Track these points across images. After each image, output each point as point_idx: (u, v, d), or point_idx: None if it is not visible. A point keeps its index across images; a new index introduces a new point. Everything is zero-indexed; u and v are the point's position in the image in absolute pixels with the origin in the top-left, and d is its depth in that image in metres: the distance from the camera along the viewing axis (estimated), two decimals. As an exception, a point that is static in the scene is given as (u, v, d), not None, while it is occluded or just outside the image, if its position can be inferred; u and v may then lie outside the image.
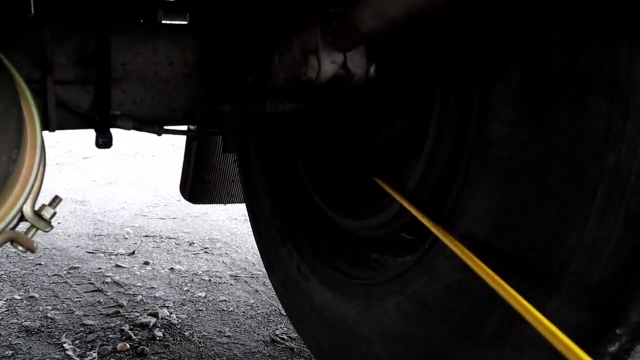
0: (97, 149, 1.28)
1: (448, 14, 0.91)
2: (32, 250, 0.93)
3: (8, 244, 0.94)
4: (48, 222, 0.94)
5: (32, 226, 0.93)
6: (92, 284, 2.40)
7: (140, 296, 2.28)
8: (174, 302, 2.23)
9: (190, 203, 2.22)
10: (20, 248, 0.93)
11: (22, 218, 0.93)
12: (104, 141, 1.21)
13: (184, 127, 1.43)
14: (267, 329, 2.04)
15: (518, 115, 0.90)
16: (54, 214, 0.96)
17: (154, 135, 1.30)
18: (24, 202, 0.85)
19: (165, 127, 1.27)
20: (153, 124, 1.24)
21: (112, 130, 1.26)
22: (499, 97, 0.93)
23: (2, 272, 2.45)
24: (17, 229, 0.95)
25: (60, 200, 0.97)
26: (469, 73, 1.02)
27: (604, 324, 0.84)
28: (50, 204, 0.96)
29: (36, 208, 0.94)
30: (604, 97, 0.79)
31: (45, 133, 1.23)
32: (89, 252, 2.78)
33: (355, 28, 0.87)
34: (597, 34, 0.80)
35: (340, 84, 1.01)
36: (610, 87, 0.79)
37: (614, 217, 0.80)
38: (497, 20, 0.92)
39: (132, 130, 1.23)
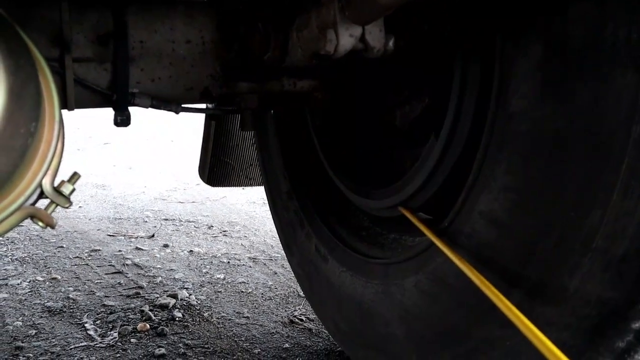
0: (117, 135, 1.28)
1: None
2: (52, 226, 0.94)
3: (29, 221, 0.95)
4: (67, 198, 0.95)
5: (52, 202, 0.94)
6: (113, 266, 2.42)
7: (160, 278, 2.30)
8: (193, 284, 2.25)
9: (209, 187, 2.23)
10: (40, 224, 0.93)
11: (42, 194, 0.94)
12: (122, 119, 1.21)
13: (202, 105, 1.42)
14: (285, 310, 2.05)
15: (540, 90, 0.88)
16: (73, 190, 0.96)
17: (173, 121, 1.30)
18: (43, 177, 0.85)
19: (183, 105, 1.27)
20: (171, 102, 1.24)
21: (132, 116, 1.26)
22: (519, 71, 0.91)
23: (26, 255, 2.49)
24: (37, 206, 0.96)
25: (79, 176, 0.97)
26: (488, 47, 1.00)
27: (627, 301, 0.82)
28: (69, 180, 0.96)
29: (55, 184, 0.94)
30: (630, 68, 0.77)
31: (67, 120, 1.24)
32: (110, 235, 2.81)
33: (374, 0, 0.86)
34: (624, 3, 0.78)
35: (358, 57, 0.99)
36: (638, 58, 0.77)
37: (639, 192, 0.78)
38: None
39: (149, 109, 1.24)
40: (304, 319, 1.99)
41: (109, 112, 1.28)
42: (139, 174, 4.14)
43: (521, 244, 0.92)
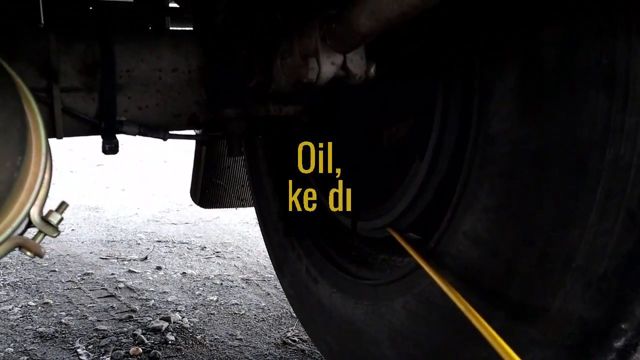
0: (110, 156, 1.30)
1: (443, 13, 0.91)
2: (40, 256, 0.95)
3: (17, 250, 0.96)
4: (55, 228, 0.95)
5: (40, 232, 0.95)
6: (106, 289, 2.42)
7: (153, 301, 2.30)
8: (186, 306, 2.25)
9: (202, 208, 2.23)
10: (28, 253, 0.94)
11: (30, 224, 0.95)
12: (110, 147, 1.22)
13: (190, 132, 1.44)
14: (278, 332, 2.05)
15: (517, 112, 0.90)
16: (61, 219, 0.97)
17: (166, 142, 1.31)
18: (30, 208, 0.86)
19: (171, 132, 1.28)
20: (158, 130, 1.25)
21: (122, 137, 1.28)
22: (498, 94, 0.93)
23: (17, 279, 2.49)
24: (26, 234, 0.96)
25: (67, 205, 0.98)
26: (468, 71, 1.02)
27: (609, 320, 0.84)
28: (57, 210, 0.97)
29: (43, 214, 0.95)
30: (602, 92, 0.79)
31: (60, 141, 1.25)
32: (103, 258, 2.81)
33: (353, 29, 0.88)
34: (596, 29, 0.80)
35: (341, 84, 1.01)
36: (609, 81, 0.79)
37: (616, 211, 0.80)
38: (492, 17, 0.92)
39: (137, 136, 1.25)
40: (297, 339, 1.99)
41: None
42: (132, 196, 4.14)
43: (504, 264, 0.93)
